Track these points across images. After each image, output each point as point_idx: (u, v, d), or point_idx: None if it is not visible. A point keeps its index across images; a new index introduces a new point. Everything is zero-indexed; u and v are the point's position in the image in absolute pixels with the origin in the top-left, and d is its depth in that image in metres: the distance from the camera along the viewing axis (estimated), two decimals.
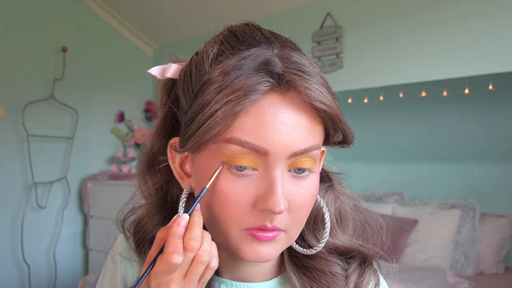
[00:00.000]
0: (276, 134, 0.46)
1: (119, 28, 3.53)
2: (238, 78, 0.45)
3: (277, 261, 0.60)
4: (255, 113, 0.46)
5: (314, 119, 0.48)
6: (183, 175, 0.55)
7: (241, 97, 0.45)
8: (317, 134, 0.49)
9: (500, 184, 2.74)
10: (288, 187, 0.49)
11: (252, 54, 0.47)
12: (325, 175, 0.62)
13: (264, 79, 0.45)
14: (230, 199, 0.48)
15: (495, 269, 2.57)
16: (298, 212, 0.50)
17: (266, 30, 0.53)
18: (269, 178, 0.47)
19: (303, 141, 0.47)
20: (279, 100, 0.47)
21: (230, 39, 0.51)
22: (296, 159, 0.48)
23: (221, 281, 0.59)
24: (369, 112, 2.93)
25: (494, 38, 2.09)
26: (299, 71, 0.46)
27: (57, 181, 3.12)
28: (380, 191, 3.01)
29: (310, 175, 0.50)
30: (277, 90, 0.46)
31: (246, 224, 0.49)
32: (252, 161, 0.47)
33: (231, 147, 0.47)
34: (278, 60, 0.47)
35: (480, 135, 2.74)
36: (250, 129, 0.46)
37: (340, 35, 2.57)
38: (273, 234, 0.49)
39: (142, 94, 3.68)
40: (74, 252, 3.28)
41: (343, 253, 0.59)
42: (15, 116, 2.91)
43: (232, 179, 0.48)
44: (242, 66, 0.46)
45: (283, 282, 0.60)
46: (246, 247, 0.50)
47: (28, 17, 3.00)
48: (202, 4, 3.03)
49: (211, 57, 0.50)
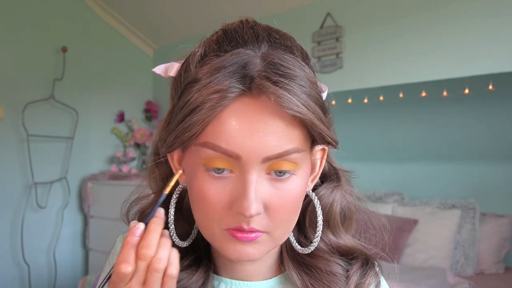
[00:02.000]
0: (247, 139, 0.46)
1: (119, 28, 3.53)
2: (212, 82, 0.46)
3: (277, 260, 0.60)
4: (227, 117, 0.46)
5: (290, 122, 0.47)
6: None
7: (213, 102, 0.45)
8: (295, 138, 0.48)
9: (500, 184, 2.74)
10: (264, 190, 0.48)
11: (233, 55, 0.47)
12: (333, 173, 0.61)
13: (235, 84, 0.45)
14: (208, 201, 0.49)
15: (495, 269, 2.57)
16: (278, 214, 0.49)
17: (261, 27, 0.52)
18: (243, 181, 0.47)
19: (276, 145, 0.46)
20: (251, 104, 0.46)
21: (220, 38, 0.51)
22: (273, 163, 0.48)
23: (220, 279, 0.59)
24: (369, 112, 2.93)
25: (494, 38, 2.09)
26: (276, 74, 0.45)
27: (57, 181, 3.12)
28: (380, 191, 3.01)
29: (291, 177, 0.49)
30: (249, 95, 0.46)
31: (226, 224, 0.49)
32: (228, 164, 0.48)
33: (206, 151, 0.47)
34: (258, 61, 0.47)
35: (480, 135, 2.74)
36: (222, 134, 0.46)
37: (340, 35, 2.57)
38: (254, 235, 0.49)
39: (142, 94, 3.68)
40: (74, 252, 3.28)
41: (345, 253, 0.59)
42: (15, 116, 2.91)
43: (210, 181, 0.49)
44: (220, 69, 0.46)
45: (283, 281, 0.60)
46: (228, 246, 0.50)
47: (28, 17, 3.00)
48: (202, 4, 3.04)
49: (196, 58, 0.51)
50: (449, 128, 2.83)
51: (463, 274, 2.50)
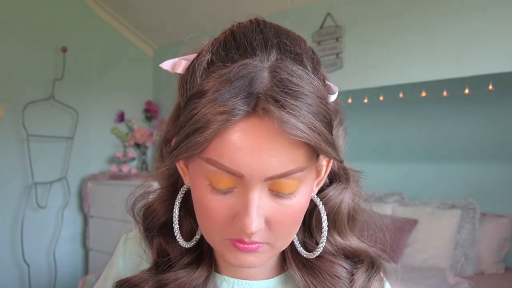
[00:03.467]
0: (250, 159, 0.45)
1: (119, 28, 3.53)
2: (218, 99, 0.45)
3: (279, 259, 0.60)
4: (231, 136, 0.45)
5: (294, 143, 0.46)
6: (186, 171, 0.56)
7: (216, 124, 0.45)
8: (299, 157, 0.47)
9: (500, 184, 2.74)
10: (266, 205, 0.48)
11: (239, 69, 0.46)
12: (342, 174, 0.60)
13: (239, 105, 0.44)
14: (210, 213, 0.49)
15: (495, 269, 2.57)
16: (280, 228, 0.50)
17: (271, 29, 0.51)
18: (245, 199, 0.47)
19: (279, 166, 0.46)
20: (256, 124, 0.45)
21: (228, 43, 0.50)
22: (275, 182, 0.47)
23: (222, 278, 0.59)
24: (369, 112, 2.93)
25: (494, 38, 2.09)
26: (283, 93, 0.44)
27: (57, 181, 3.12)
28: (380, 191, 3.01)
29: (294, 193, 0.49)
30: (254, 115, 0.45)
31: (227, 234, 0.49)
32: (230, 183, 0.48)
33: (209, 167, 0.47)
34: (266, 75, 0.45)
35: (480, 135, 2.74)
36: (225, 152, 0.46)
37: (340, 35, 2.57)
38: (255, 246, 0.49)
39: (142, 94, 3.68)
40: (74, 252, 3.28)
41: (351, 254, 0.59)
42: (15, 116, 2.91)
43: (213, 194, 0.49)
44: (226, 83, 0.45)
45: (285, 281, 0.60)
46: (229, 254, 0.51)
47: (28, 17, 3.00)
48: (202, 4, 3.04)
49: (203, 66, 0.50)
50: (449, 128, 2.83)
51: (463, 274, 2.50)
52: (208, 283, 0.57)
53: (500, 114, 2.64)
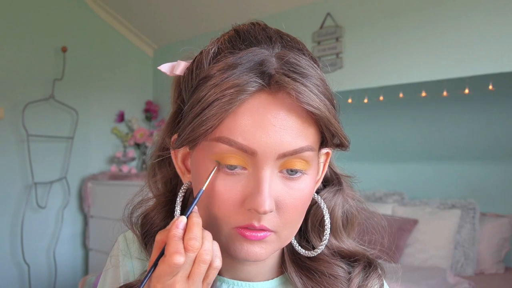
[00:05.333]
0: (264, 135, 0.46)
1: (119, 28, 3.53)
2: (230, 77, 0.46)
3: (278, 261, 0.60)
4: (244, 112, 0.46)
5: (305, 120, 0.47)
6: (184, 170, 0.56)
7: (230, 96, 0.45)
8: (310, 136, 0.48)
9: (500, 184, 2.74)
10: (277, 188, 0.49)
11: (249, 53, 0.47)
12: (334, 178, 0.61)
13: (254, 79, 0.46)
14: (219, 197, 0.49)
15: (495, 269, 2.57)
16: (289, 213, 0.50)
17: (272, 30, 0.53)
18: (257, 178, 0.48)
19: (292, 142, 0.47)
20: (269, 101, 0.46)
21: (232, 38, 0.51)
22: (286, 160, 0.48)
23: (222, 280, 0.59)
24: (369, 112, 2.93)
25: (494, 38, 2.09)
26: (293, 72, 0.46)
27: (57, 181, 3.12)
28: (380, 191, 3.01)
29: (303, 177, 0.50)
30: (267, 91, 0.46)
31: (235, 222, 0.49)
32: (242, 160, 0.48)
33: (220, 146, 0.47)
34: (274, 60, 0.47)
35: (480, 135, 2.74)
36: (238, 129, 0.46)
37: (340, 35, 2.57)
38: (262, 234, 0.49)
39: (142, 94, 3.68)
40: (74, 252, 3.28)
41: (347, 256, 0.59)
42: (15, 116, 2.91)
43: (222, 177, 0.49)
44: (236, 65, 0.46)
45: (284, 282, 0.60)
46: (236, 245, 0.50)
47: (28, 17, 3.00)
48: (202, 4, 3.03)
49: (210, 55, 0.51)
50: (449, 128, 2.83)
51: (463, 274, 2.50)
52: None
53: (500, 114, 2.64)
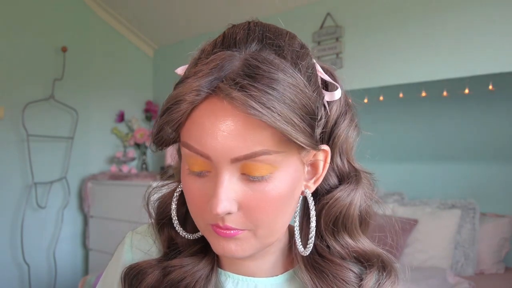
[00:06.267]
0: (213, 140, 0.47)
1: (119, 28, 3.53)
2: (187, 84, 0.47)
3: (282, 258, 0.60)
4: (197, 118, 0.48)
5: (258, 124, 0.46)
6: None
7: (186, 101, 0.47)
8: (265, 140, 0.46)
9: (500, 184, 2.74)
10: (238, 189, 0.48)
11: (216, 58, 0.47)
12: (353, 174, 0.59)
13: (204, 87, 0.46)
14: (191, 197, 0.51)
15: (495, 269, 2.57)
16: (256, 214, 0.49)
17: (259, 26, 0.52)
18: (215, 181, 0.49)
19: (243, 147, 0.46)
20: (218, 106, 0.46)
21: (218, 41, 0.52)
22: (244, 164, 0.47)
23: (227, 275, 0.59)
24: (369, 112, 2.93)
25: (494, 38, 2.09)
26: (246, 76, 0.45)
27: (57, 181, 3.12)
28: (380, 191, 3.01)
29: (269, 178, 0.48)
30: (216, 96, 0.46)
31: (207, 220, 0.51)
32: (203, 165, 0.49)
33: (184, 149, 0.50)
34: (238, 62, 0.47)
35: (480, 135, 2.74)
36: (193, 134, 0.48)
37: (340, 35, 2.57)
38: (233, 232, 0.50)
39: (142, 94, 3.68)
40: (74, 252, 3.28)
41: (362, 257, 0.58)
42: (15, 116, 2.91)
43: (193, 178, 0.51)
44: (200, 71, 0.47)
45: (290, 279, 0.60)
46: (213, 241, 0.52)
47: (28, 17, 3.00)
48: (202, 4, 3.03)
49: (192, 62, 0.52)
50: (449, 128, 2.83)
51: (463, 274, 2.50)
52: (212, 276, 0.57)
53: (500, 114, 2.64)
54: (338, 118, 0.57)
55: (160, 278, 0.56)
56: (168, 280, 0.56)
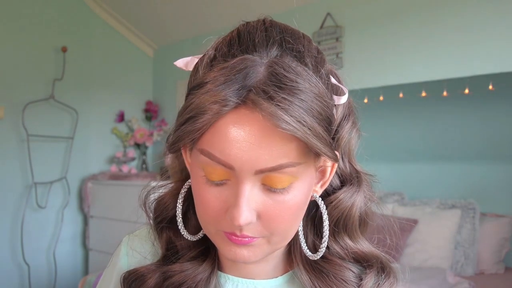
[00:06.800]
0: (239, 151, 0.45)
1: (119, 28, 3.53)
2: (211, 91, 0.45)
3: (283, 259, 0.60)
4: (222, 127, 0.46)
5: (285, 136, 0.45)
6: None
7: (209, 113, 0.45)
8: (291, 152, 0.46)
9: (500, 184, 2.73)
10: (259, 199, 0.48)
11: (238, 63, 0.46)
12: (354, 176, 0.59)
13: (232, 97, 0.45)
14: (206, 204, 0.50)
15: (495, 269, 2.57)
16: (274, 223, 0.49)
17: (276, 28, 0.51)
18: (236, 191, 0.48)
19: (269, 159, 0.46)
20: (246, 116, 0.45)
21: (232, 40, 0.51)
22: (266, 176, 0.47)
23: (227, 277, 0.59)
24: (369, 112, 2.92)
25: (494, 38, 2.09)
26: (275, 87, 0.44)
27: (57, 181, 3.12)
28: (380, 191, 3.01)
29: (289, 188, 0.49)
30: (245, 106, 0.45)
31: (221, 227, 0.50)
32: (223, 175, 0.48)
33: (203, 157, 0.48)
34: (262, 69, 0.46)
35: (480, 135, 2.74)
36: (216, 144, 0.46)
37: (340, 35, 2.57)
38: (248, 239, 0.49)
39: (142, 94, 3.68)
40: (74, 252, 3.28)
41: (361, 258, 0.58)
42: (15, 116, 2.91)
43: (209, 185, 0.49)
44: (220, 77, 0.46)
45: (289, 280, 0.59)
46: (224, 247, 0.51)
47: (28, 17, 3.00)
48: (202, 4, 3.03)
49: (204, 61, 0.50)
50: (450, 128, 2.83)
51: (463, 274, 2.50)
52: (211, 279, 0.57)
53: (500, 114, 2.64)
54: (341, 120, 0.57)
55: (160, 281, 0.56)
56: (168, 284, 0.56)
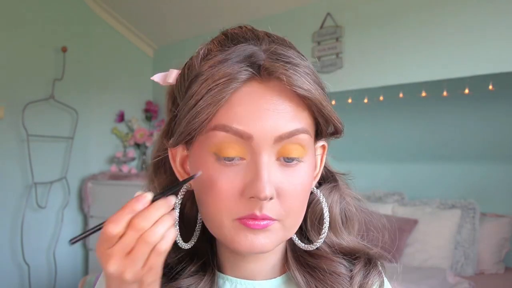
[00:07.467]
0: (258, 120, 0.47)
1: (119, 28, 3.53)
2: (220, 69, 0.48)
3: (281, 259, 0.60)
4: (237, 100, 0.48)
5: (298, 104, 0.49)
6: (183, 173, 0.56)
7: (222, 86, 0.47)
8: (303, 119, 0.50)
9: (500, 184, 2.74)
10: (276, 175, 0.49)
11: (238, 49, 0.49)
12: (330, 175, 0.62)
13: (245, 68, 0.47)
14: (219, 189, 0.49)
15: (495, 269, 2.57)
16: (290, 200, 0.50)
17: (259, 30, 0.55)
18: (255, 165, 0.48)
19: (287, 124, 0.48)
20: (261, 88, 0.48)
21: (221, 40, 0.53)
22: (283, 146, 0.49)
23: (225, 278, 0.59)
24: (369, 112, 2.92)
25: (494, 38, 2.09)
26: (281, 61, 0.48)
27: (57, 181, 3.12)
28: (380, 191, 3.01)
29: (300, 164, 0.51)
30: (258, 79, 0.48)
31: (237, 213, 0.49)
32: (239, 150, 0.48)
33: (217, 134, 0.48)
34: (263, 53, 0.49)
35: (480, 135, 2.74)
36: (233, 116, 0.48)
37: (340, 35, 2.57)
38: (265, 223, 0.49)
39: (142, 94, 3.68)
40: (74, 252, 3.28)
41: (348, 253, 0.59)
42: (15, 116, 2.91)
43: (221, 169, 0.49)
44: (227, 60, 0.48)
45: (287, 281, 0.60)
46: (239, 237, 0.50)
47: (28, 17, 3.00)
48: (202, 4, 3.03)
49: (200, 56, 0.52)
50: (449, 128, 2.83)
51: (463, 274, 2.50)
52: (211, 283, 0.57)
53: (500, 114, 2.64)
54: None
55: None
56: None
